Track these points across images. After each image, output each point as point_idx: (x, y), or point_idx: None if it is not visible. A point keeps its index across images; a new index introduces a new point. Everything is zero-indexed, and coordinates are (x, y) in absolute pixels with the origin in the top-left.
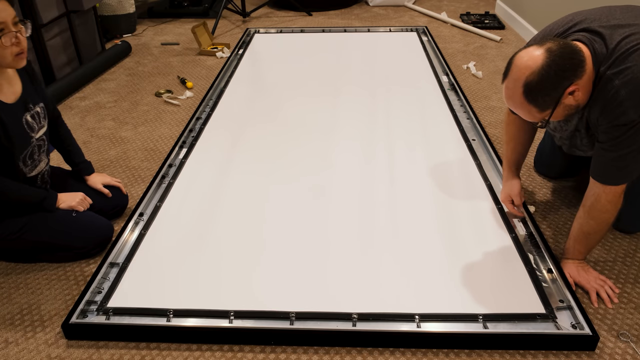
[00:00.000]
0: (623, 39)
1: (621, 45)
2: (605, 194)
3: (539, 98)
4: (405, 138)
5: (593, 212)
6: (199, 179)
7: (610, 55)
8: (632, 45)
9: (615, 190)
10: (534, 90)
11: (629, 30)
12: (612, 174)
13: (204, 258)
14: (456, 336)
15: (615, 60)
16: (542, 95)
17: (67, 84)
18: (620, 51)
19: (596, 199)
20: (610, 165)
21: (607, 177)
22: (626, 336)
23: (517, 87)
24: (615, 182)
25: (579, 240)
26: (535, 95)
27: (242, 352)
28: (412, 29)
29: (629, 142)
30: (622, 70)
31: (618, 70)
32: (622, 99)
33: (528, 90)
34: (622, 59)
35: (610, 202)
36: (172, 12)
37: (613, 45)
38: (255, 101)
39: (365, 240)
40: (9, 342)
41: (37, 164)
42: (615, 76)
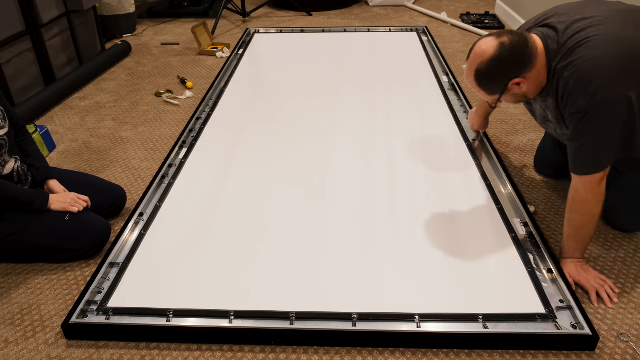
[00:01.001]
0: (574, 34)
1: (570, 40)
2: (582, 184)
3: (486, 84)
4: (405, 138)
5: (575, 205)
6: (199, 179)
7: (560, 50)
8: (581, 39)
9: (590, 179)
10: (482, 77)
11: (583, 24)
12: (581, 163)
13: (204, 258)
14: (456, 336)
15: (564, 55)
16: (488, 82)
17: (67, 84)
18: (569, 46)
19: (576, 191)
20: (578, 154)
21: (579, 167)
22: (626, 336)
23: (471, 71)
24: (587, 171)
25: (570, 236)
26: (484, 81)
27: (242, 352)
28: (412, 29)
29: (586, 130)
30: (570, 62)
31: (566, 64)
32: (570, 89)
33: (477, 76)
34: (569, 52)
35: (588, 192)
36: (172, 12)
37: (564, 41)
38: (255, 101)
39: (365, 240)
40: (9, 342)
41: (3, 163)
42: (564, 69)
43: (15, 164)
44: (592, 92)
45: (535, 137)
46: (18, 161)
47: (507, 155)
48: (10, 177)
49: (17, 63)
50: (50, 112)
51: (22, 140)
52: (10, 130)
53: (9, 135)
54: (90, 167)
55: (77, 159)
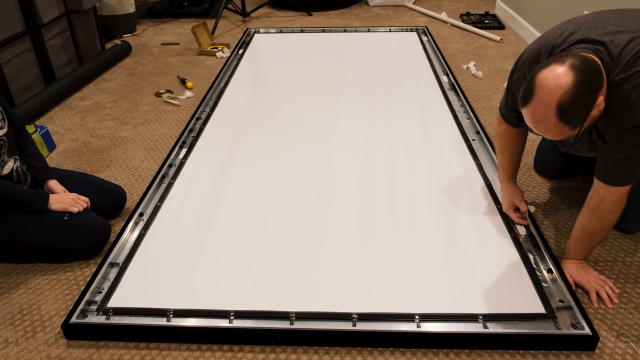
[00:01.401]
0: (626, 44)
1: (626, 51)
2: (610, 194)
3: (573, 117)
4: (405, 138)
5: (597, 213)
6: (199, 179)
7: (617, 63)
8: (638, 49)
9: (620, 191)
10: (568, 109)
11: (630, 35)
12: (617, 175)
13: (204, 258)
14: (456, 336)
15: (623, 67)
16: (576, 113)
17: (67, 84)
18: (627, 57)
19: (600, 199)
20: (616, 166)
21: (613, 178)
22: (626, 336)
23: (549, 109)
24: (620, 183)
25: (580, 240)
26: (570, 114)
27: (242, 352)
28: (412, 29)
29: (635, 144)
30: (631, 74)
31: (627, 75)
32: (632, 102)
33: (562, 110)
34: (629, 64)
35: (614, 203)
36: (172, 12)
37: (617, 52)
38: (255, 101)
39: (364, 240)
40: (9, 342)
41: (2, 164)
42: (624, 81)
43: (14, 164)
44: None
45: (535, 137)
46: (17, 161)
47: None
48: (10, 177)
49: (17, 63)
50: (50, 112)
51: (21, 140)
52: (10, 131)
53: (8, 135)
54: (90, 167)
55: (77, 159)
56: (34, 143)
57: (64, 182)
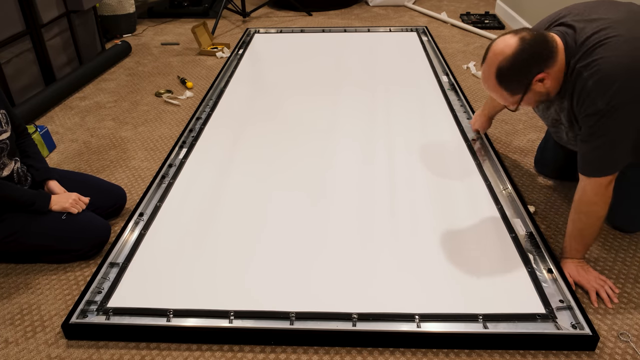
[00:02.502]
0: (594, 33)
1: (590, 40)
2: (590, 185)
3: (509, 82)
4: (405, 138)
5: (581, 206)
6: (199, 179)
7: (579, 49)
8: (601, 39)
9: (599, 182)
10: (505, 74)
11: (602, 24)
12: (592, 165)
13: (204, 258)
14: (456, 336)
15: (583, 54)
16: (513, 80)
17: (67, 84)
18: (589, 45)
19: (583, 192)
20: (589, 156)
21: (589, 169)
22: (626, 336)
23: (491, 71)
24: (597, 174)
25: (573, 237)
26: (506, 79)
27: (242, 352)
28: (412, 29)
29: (602, 132)
30: (590, 63)
31: (586, 63)
32: (589, 89)
33: (500, 74)
34: (589, 52)
35: (596, 194)
36: (172, 12)
37: (583, 39)
38: (255, 101)
39: (364, 240)
40: (9, 342)
41: (2, 166)
42: (583, 69)
43: (14, 165)
44: (612, 94)
45: (535, 137)
46: (18, 162)
47: (507, 156)
48: (10, 178)
49: (17, 63)
50: (50, 112)
51: (23, 142)
52: (12, 135)
53: (11, 139)
54: (90, 167)
55: (77, 159)
56: (36, 145)
57: (64, 183)
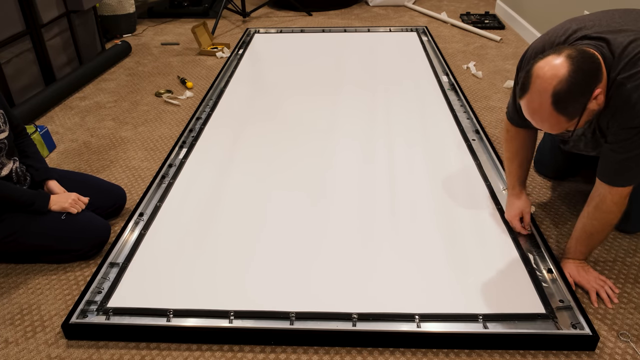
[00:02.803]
0: (630, 43)
1: (629, 50)
2: (611, 195)
3: (568, 106)
4: (406, 137)
5: (597, 213)
6: (199, 179)
7: (619, 61)
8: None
9: (621, 191)
10: (564, 98)
11: (633, 35)
12: (619, 175)
13: (204, 258)
14: (456, 336)
15: (625, 65)
16: (572, 102)
17: (67, 84)
18: (630, 56)
19: (601, 199)
20: (618, 166)
21: (614, 179)
22: (626, 336)
23: (545, 98)
24: (621, 184)
25: (581, 240)
26: (565, 103)
27: (242, 352)
28: (412, 29)
29: (637, 145)
30: (634, 74)
31: (629, 75)
32: (633, 102)
33: (557, 99)
34: (632, 63)
35: (615, 204)
36: (172, 12)
37: (620, 50)
38: (255, 101)
39: (365, 240)
40: (9, 342)
41: (1, 166)
42: (626, 80)
43: (13, 164)
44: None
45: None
46: (17, 162)
47: None
48: (9, 178)
49: (17, 63)
50: (50, 112)
51: (22, 142)
52: (10, 134)
53: (9, 138)
54: (90, 167)
55: (77, 159)
56: (35, 145)
57: (64, 183)
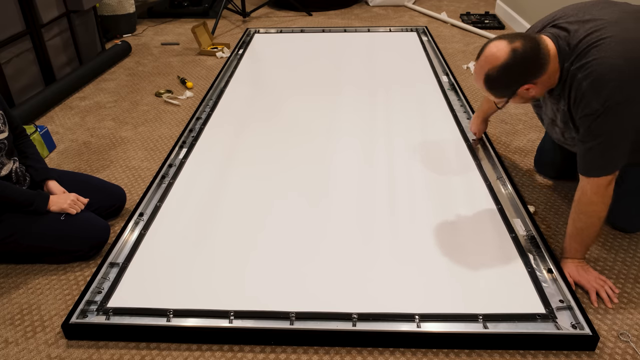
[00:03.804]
0: (587, 35)
1: (583, 42)
2: (590, 185)
3: (495, 89)
4: (406, 137)
5: (581, 206)
6: (199, 179)
7: (573, 51)
8: (594, 40)
9: (598, 182)
10: (492, 81)
11: (595, 25)
12: (590, 164)
13: (204, 258)
14: (456, 336)
15: (577, 56)
16: (499, 87)
17: (67, 84)
18: (582, 47)
19: (582, 192)
20: (587, 156)
21: (587, 169)
22: (626, 336)
23: (480, 74)
24: (595, 174)
25: (573, 237)
26: (493, 85)
27: (242, 352)
28: (412, 29)
29: (598, 132)
30: (584, 64)
31: (580, 65)
32: (584, 91)
33: (487, 80)
34: (583, 54)
35: (595, 194)
36: (172, 12)
37: (576, 42)
38: (255, 101)
39: (365, 240)
40: (9, 342)
41: (0, 166)
42: (577, 71)
43: (13, 164)
44: (607, 95)
45: (535, 137)
46: (16, 162)
47: (507, 156)
48: (8, 178)
49: (17, 63)
50: (50, 112)
51: (21, 143)
52: (10, 135)
53: (8, 139)
54: (90, 167)
55: (77, 159)
56: (34, 145)
57: (64, 183)
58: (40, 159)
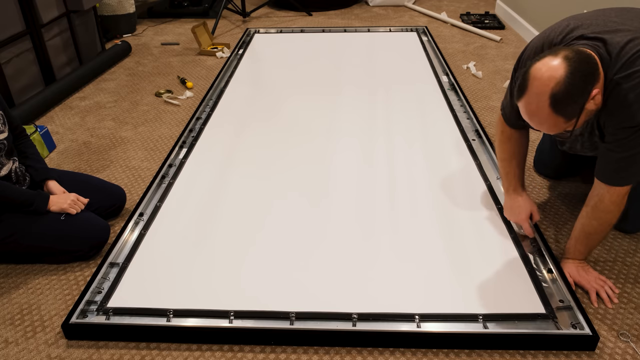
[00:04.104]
0: (627, 43)
1: (626, 50)
2: (609, 194)
3: (567, 107)
4: (406, 137)
5: (596, 213)
6: (199, 179)
7: (616, 61)
8: (638, 49)
9: (619, 191)
10: (562, 100)
11: (630, 35)
12: (616, 174)
13: (204, 258)
14: (456, 336)
15: (622, 65)
16: (570, 103)
17: (67, 84)
18: (627, 56)
19: (600, 199)
20: (615, 166)
21: (612, 178)
22: (626, 336)
23: (542, 100)
24: (619, 183)
25: (580, 240)
26: (563, 105)
27: (242, 352)
28: (412, 29)
29: (634, 144)
30: (630, 74)
31: (626, 75)
32: (630, 102)
33: (555, 101)
34: (628, 63)
35: (613, 203)
36: (172, 12)
37: (617, 50)
38: (255, 101)
39: (365, 240)
40: (9, 342)
41: (0, 166)
42: (623, 80)
43: (12, 164)
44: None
45: (535, 137)
46: (16, 162)
47: None
48: (8, 178)
49: (17, 63)
50: (50, 112)
51: (21, 143)
52: (10, 135)
53: (8, 139)
54: (90, 167)
55: (77, 159)
56: (34, 145)
57: (63, 183)
58: (40, 159)
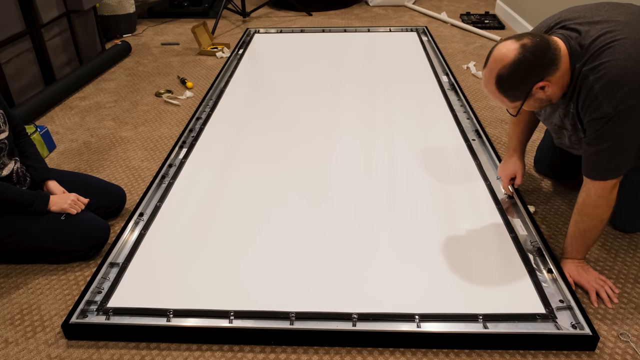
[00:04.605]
0: (599, 36)
1: (596, 43)
2: (595, 189)
3: (508, 90)
4: (406, 137)
5: (585, 208)
6: (199, 179)
7: (585, 52)
8: (607, 42)
9: (604, 185)
10: (505, 82)
11: (607, 27)
12: (597, 168)
13: (204, 258)
14: (456, 336)
15: (589, 57)
16: (511, 88)
17: (67, 84)
18: (595, 48)
19: (587, 194)
20: (595, 159)
21: (593, 172)
22: (626, 336)
23: (491, 77)
24: (602, 177)
25: (575, 238)
26: (505, 87)
27: (242, 352)
28: (412, 29)
29: (607, 135)
30: (596, 66)
31: (592, 67)
32: (596, 93)
33: (499, 81)
34: (596, 55)
35: (600, 197)
36: (172, 12)
37: (588, 42)
38: (255, 101)
39: (365, 240)
40: (9, 342)
41: (2, 166)
42: (589, 72)
43: (14, 165)
44: (620, 98)
45: (535, 137)
46: (17, 162)
47: None
48: (9, 178)
49: (17, 63)
50: (50, 112)
51: (21, 142)
52: (10, 134)
53: (9, 138)
54: (90, 167)
55: (77, 159)
56: (34, 145)
57: (64, 183)
58: (40, 159)
